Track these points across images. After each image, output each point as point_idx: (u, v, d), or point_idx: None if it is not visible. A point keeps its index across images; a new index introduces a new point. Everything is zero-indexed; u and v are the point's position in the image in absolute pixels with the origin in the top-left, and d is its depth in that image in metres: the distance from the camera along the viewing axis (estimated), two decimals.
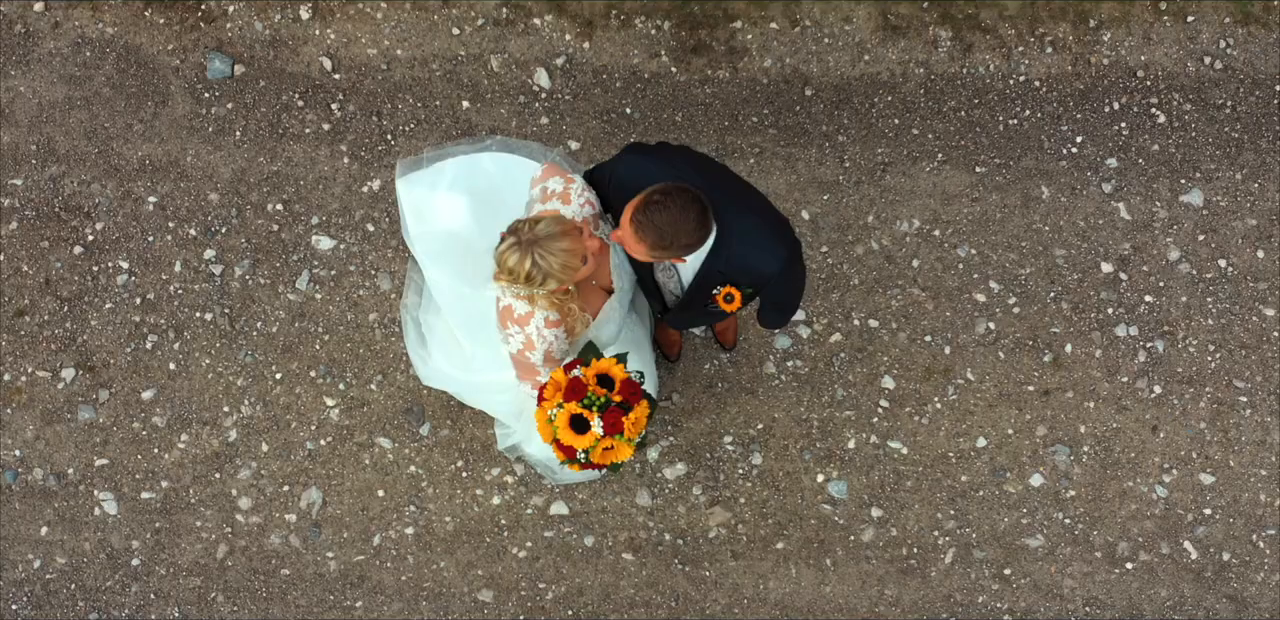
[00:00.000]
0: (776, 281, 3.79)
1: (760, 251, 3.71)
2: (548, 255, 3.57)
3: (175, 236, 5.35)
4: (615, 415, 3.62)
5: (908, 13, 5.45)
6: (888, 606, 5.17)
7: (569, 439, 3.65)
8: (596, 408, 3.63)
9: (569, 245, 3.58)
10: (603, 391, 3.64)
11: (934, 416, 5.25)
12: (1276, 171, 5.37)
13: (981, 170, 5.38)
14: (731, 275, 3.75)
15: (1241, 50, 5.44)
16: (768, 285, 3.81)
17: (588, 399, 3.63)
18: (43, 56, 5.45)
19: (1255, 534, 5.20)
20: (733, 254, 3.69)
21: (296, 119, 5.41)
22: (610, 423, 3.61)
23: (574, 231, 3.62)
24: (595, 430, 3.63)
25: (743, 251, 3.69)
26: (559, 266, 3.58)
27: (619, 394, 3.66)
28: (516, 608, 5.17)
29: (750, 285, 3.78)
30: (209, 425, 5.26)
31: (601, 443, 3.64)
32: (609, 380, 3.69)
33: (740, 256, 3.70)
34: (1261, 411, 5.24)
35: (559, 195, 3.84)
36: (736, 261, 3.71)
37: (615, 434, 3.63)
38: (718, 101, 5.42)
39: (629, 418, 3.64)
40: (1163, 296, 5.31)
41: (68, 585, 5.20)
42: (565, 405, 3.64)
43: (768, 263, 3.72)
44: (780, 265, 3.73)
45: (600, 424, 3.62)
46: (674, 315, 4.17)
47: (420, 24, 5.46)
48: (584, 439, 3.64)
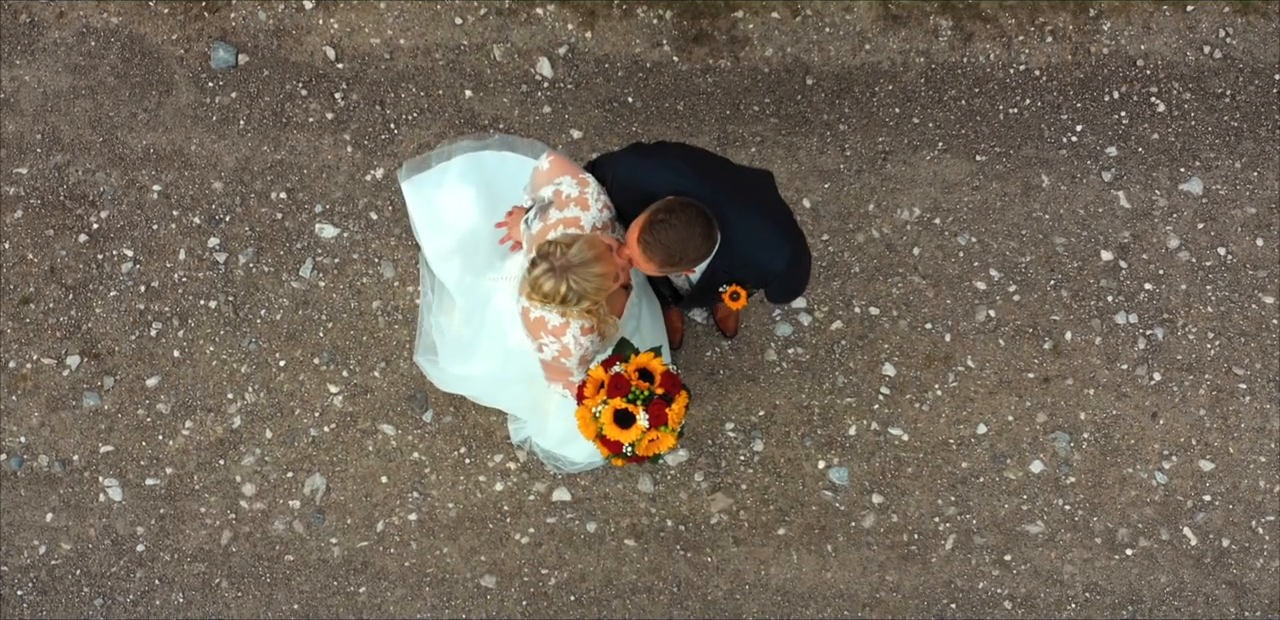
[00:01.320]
0: (784, 275, 3.81)
1: (765, 250, 3.73)
2: (582, 281, 3.53)
3: (179, 225, 5.38)
4: (659, 407, 3.64)
5: (908, 2, 5.47)
6: (888, 592, 5.20)
7: (615, 434, 3.66)
8: (641, 401, 3.65)
9: (603, 270, 3.54)
10: (645, 385, 3.66)
11: (934, 403, 5.27)
12: (1276, 160, 5.39)
13: (982, 159, 5.40)
14: (737, 274, 3.77)
15: (1241, 39, 5.46)
16: (773, 281, 3.83)
17: (632, 394, 3.64)
18: (48, 46, 5.48)
19: (1254, 520, 5.22)
20: (737, 254, 3.71)
21: (300, 108, 5.44)
22: (655, 415, 3.64)
23: (606, 253, 3.57)
24: (641, 423, 3.64)
25: (747, 251, 3.71)
26: (594, 289, 3.55)
27: (660, 386, 3.68)
28: (519, 593, 5.20)
29: (756, 283, 3.80)
30: (213, 412, 5.28)
31: (647, 435, 3.67)
32: (649, 374, 3.70)
33: (745, 256, 3.72)
34: (1261, 398, 5.27)
35: (576, 201, 3.78)
36: (742, 261, 3.72)
37: (660, 425, 3.66)
38: (719, 90, 5.44)
39: (672, 409, 3.67)
40: (1162, 284, 5.34)
41: (73, 571, 5.23)
42: (610, 401, 3.65)
43: (773, 261, 3.74)
44: (785, 262, 3.75)
45: (646, 417, 3.64)
46: (683, 304, 4.20)
47: (423, 13, 5.48)
48: (630, 433, 3.65)
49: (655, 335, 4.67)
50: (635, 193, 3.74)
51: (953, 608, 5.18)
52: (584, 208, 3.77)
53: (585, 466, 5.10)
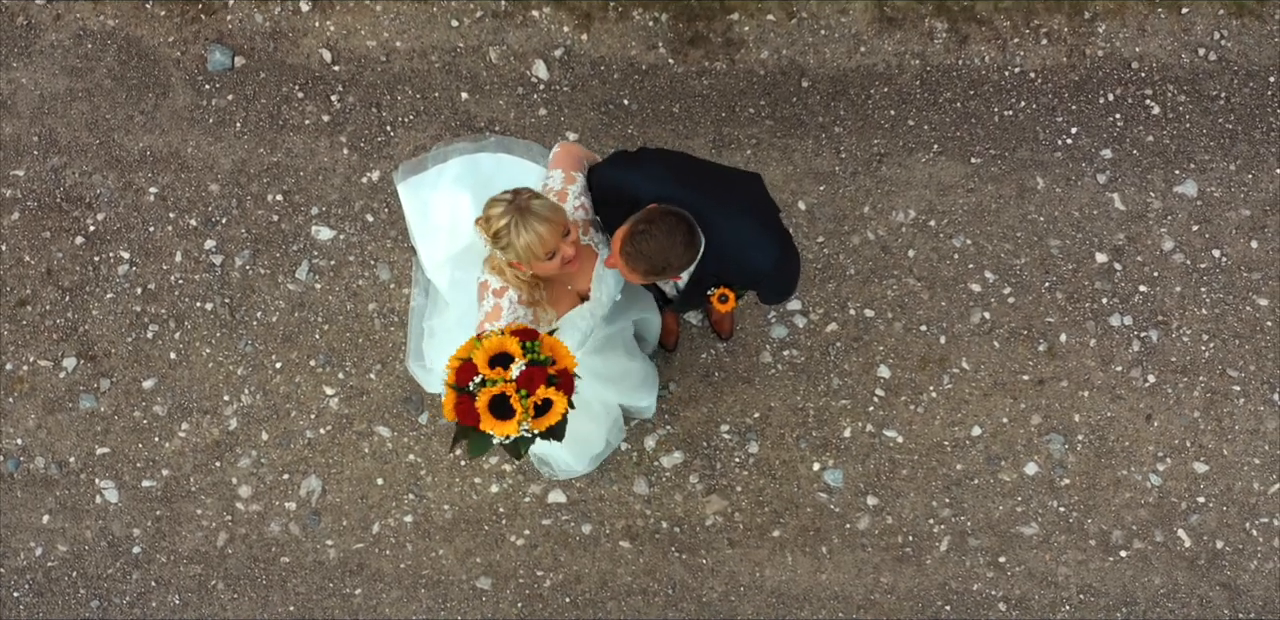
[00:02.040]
0: (771, 276, 3.81)
1: (752, 251, 3.74)
2: (523, 230, 3.58)
3: (176, 227, 5.39)
4: (538, 375, 3.30)
5: (904, 5, 5.48)
6: (883, 594, 5.21)
7: (482, 361, 3.33)
8: (530, 357, 3.34)
9: (545, 232, 3.59)
10: (549, 354, 3.38)
11: (929, 405, 5.28)
12: (1270, 162, 5.40)
13: (977, 161, 5.41)
14: (725, 276, 3.78)
15: (1235, 42, 5.47)
16: (762, 283, 3.84)
17: (531, 344, 3.35)
18: (44, 48, 5.49)
19: (1248, 522, 5.23)
20: (723, 257, 3.72)
21: (296, 110, 5.45)
22: (528, 376, 3.30)
23: (560, 226, 3.62)
24: (511, 371, 3.30)
25: (733, 253, 3.72)
26: (523, 245, 3.60)
27: (556, 371, 3.36)
28: (514, 595, 5.21)
29: (745, 284, 3.81)
30: (209, 414, 5.29)
31: (500, 386, 3.30)
32: (553, 361, 3.41)
33: (733, 259, 3.73)
34: (1255, 400, 5.27)
35: (556, 194, 3.87)
36: (728, 263, 3.74)
37: (521, 389, 3.29)
38: (715, 93, 5.45)
39: (544, 390, 3.30)
40: (1157, 286, 5.34)
41: (69, 573, 5.24)
42: (505, 334, 3.35)
43: (760, 261, 3.75)
44: (772, 262, 3.76)
45: (519, 369, 3.31)
46: (674, 307, 4.21)
47: (419, 16, 5.49)
48: (494, 372, 3.30)
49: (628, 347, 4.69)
50: (617, 202, 3.77)
51: (947, 610, 5.19)
52: (560, 201, 3.82)
53: (569, 472, 5.10)
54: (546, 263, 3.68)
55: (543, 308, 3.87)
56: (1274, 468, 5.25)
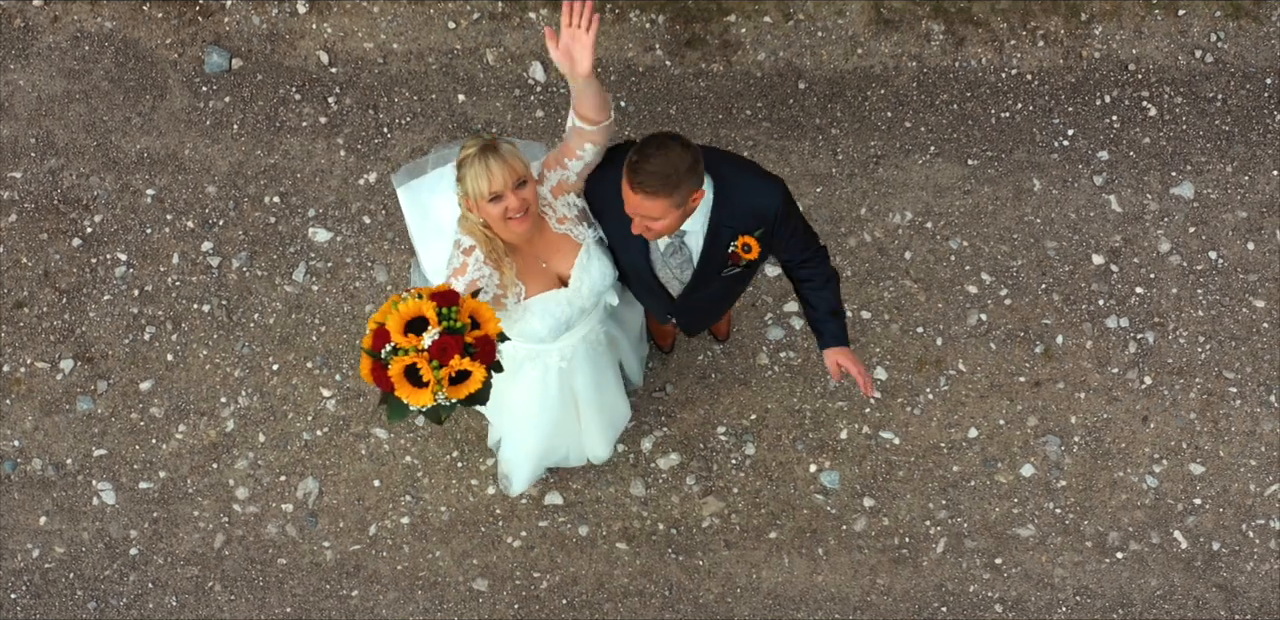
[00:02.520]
0: (783, 214, 3.79)
1: (757, 189, 3.75)
2: (478, 163, 3.59)
3: (173, 229, 5.39)
4: (452, 345, 3.13)
5: (900, 6, 5.49)
6: (879, 596, 5.21)
7: (395, 327, 3.17)
8: (446, 324, 3.17)
9: (497, 171, 3.59)
10: (467, 322, 3.21)
11: (926, 407, 5.29)
12: (1267, 164, 5.41)
13: (973, 163, 5.42)
14: (740, 223, 3.75)
15: (1232, 44, 5.48)
16: (776, 222, 3.80)
17: (447, 310, 3.18)
18: (42, 50, 5.49)
19: (1245, 524, 5.24)
20: (733, 202, 3.73)
21: (293, 112, 5.46)
22: (441, 346, 3.13)
23: (515, 173, 3.61)
24: (424, 340, 3.14)
25: (740, 197, 3.73)
26: (471, 176, 3.61)
27: (474, 339, 3.20)
28: (511, 597, 5.21)
29: (760, 227, 3.77)
30: (206, 416, 5.30)
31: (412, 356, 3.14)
32: (476, 324, 3.25)
33: (741, 202, 3.73)
34: (1251, 402, 5.28)
35: (561, 154, 3.86)
36: (740, 208, 3.73)
37: (433, 359, 3.14)
38: (712, 95, 5.46)
39: (459, 361, 3.16)
40: (1153, 288, 5.35)
41: (66, 574, 5.25)
42: (423, 298, 3.18)
43: (769, 197, 3.75)
44: (780, 197, 3.75)
45: (433, 337, 3.15)
46: (686, 303, 4.11)
47: (416, 18, 5.50)
48: (406, 339, 3.15)
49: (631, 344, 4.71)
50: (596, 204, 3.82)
51: (944, 611, 5.20)
52: (554, 166, 3.85)
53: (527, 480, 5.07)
54: (492, 207, 3.66)
55: (509, 276, 3.84)
56: (1270, 469, 5.25)
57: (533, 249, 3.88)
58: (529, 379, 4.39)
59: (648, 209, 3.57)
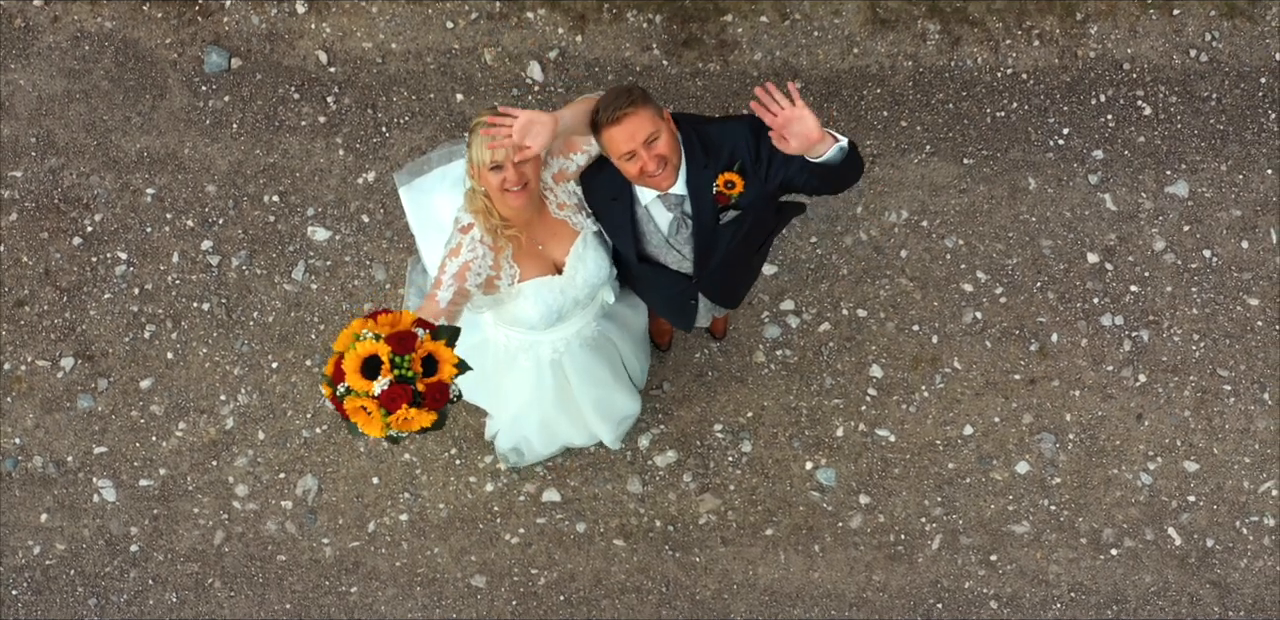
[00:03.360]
0: (756, 143, 3.79)
1: (722, 131, 3.79)
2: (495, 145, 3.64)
3: (173, 228, 5.42)
4: (401, 395, 3.19)
5: (896, 6, 5.51)
6: (875, 592, 5.24)
7: (351, 368, 3.22)
8: (398, 373, 3.20)
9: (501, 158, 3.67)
10: (419, 370, 3.22)
11: (921, 405, 5.32)
12: (1261, 163, 5.43)
13: (969, 162, 5.44)
14: (717, 163, 3.78)
15: (1227, 43, 5.50)
16: (755, 152, 3.80)
17: (400, 360, 3.21)
18: (42, 50, 5.52)
19: (1238, 521, 5.27)
20: (708, 141, 3.78)
21: (292, 112, 5.48)
22: (389, 396, 3.19)
23: (525, 155, 3.66)
24: (374, 385, 3.19)
25: (715, 134, 3.78)
26: (475, 144, 3.68)
27: (425, 386, 3.24)
28: (509, 593, 5.24)
29: (739, 159, 3.78)
30: (206, 413, 5.33)
31: (362, 399, 3.20)
32: (432, 365, 3.26)
33: (712, 147, 3.77)
34: (1245, 400, 5.31)
35: (566, 147, 3.93)
36: (716, 151, 3.77)
37: (383, 407, 3.19)
38: (709, 94, 5.48)
39: (406, 411, 3.21)
40: (1148, 286, 5.38)
41: (67, 571, 5.28)
42: (380, 339, 3.21)
43: (734, 133, 3.78)
44: (746, 128, 3.78)
45: (382, 387, 3.19)
46: (706, 275, 4.07)
47: (415, 18, 5.53)
48: (360, 382, 3.20)
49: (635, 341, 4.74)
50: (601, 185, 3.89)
51: (939, 607, 5.23)
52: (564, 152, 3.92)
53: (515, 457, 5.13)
54: (492, 175, 3.70)
55: (506, 257, 3.87)
56: (1264, 466, 5.28)
57: (531, 231, 3.91)
58: (522, 369, 4.43)
59: (640, 127, 3.63)
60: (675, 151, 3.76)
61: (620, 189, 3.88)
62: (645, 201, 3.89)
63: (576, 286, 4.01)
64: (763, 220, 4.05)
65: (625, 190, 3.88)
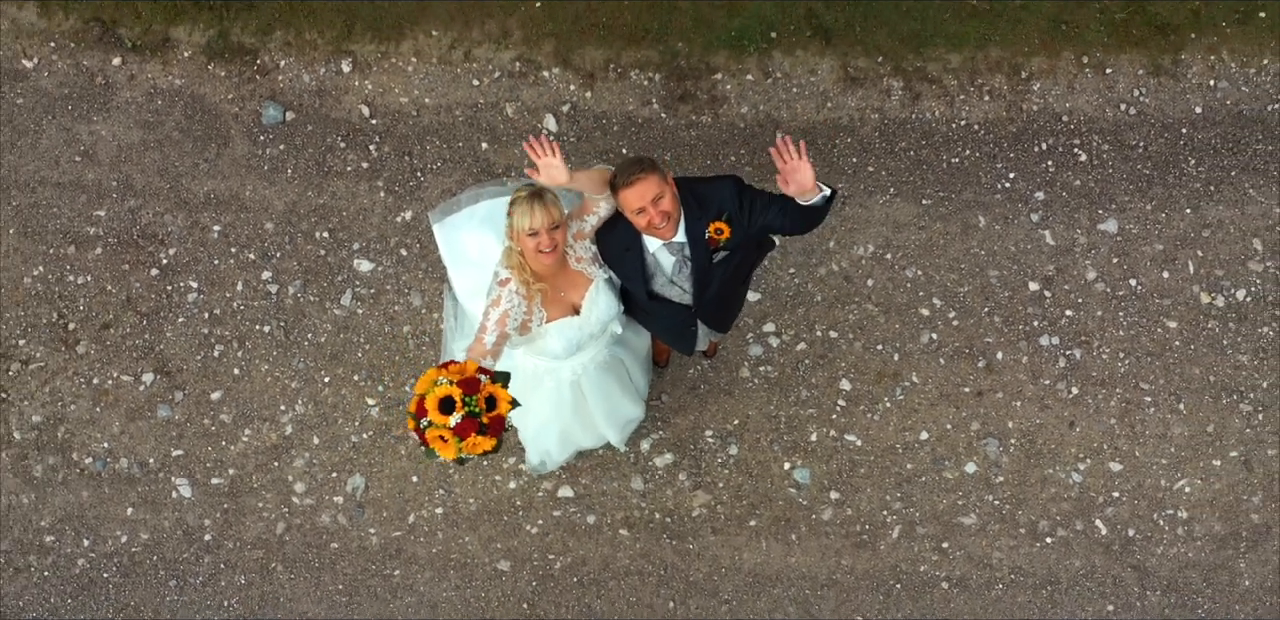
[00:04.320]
0: (738, 197, 4.67)
1: (710, 189, 4.69)
2: (525, 204, 4.55)
3: (237, 260, 6.27)
4: (470, 426, 4.07)
5: (865, 66, 6.33)
6: (843, 574, 6.11)
7: (431, 406, 4.08)
8: (468, 409, 4.06)
9: (539, 213, 4.53)
10: (483, 407, 4.10)
11: (884, 414, 6.17)
12: (1181, 203, 6.26)
13: (927, 202, 6.28)
14: (708, 214, 4.66)
15: (1153, 98, 6.32)
16: (737, 204, 4.68)
17: (469, 400, 4.07)
18: (121, 104, 6.35)
19: (1156, 513, 6.13)
20: (702, 198, 4.66)
21: (339, 159, 6.32)
22: (462, 427, 4.05)
23: (551, 217, 4.55)
24: (450, 419, 4.04)
25: (700, 198, 4.66)
26: (517, 214, 4.56)
27: (489, 419, 4.10)
28: (530, 575, 6.11)
29: (725, 211, 4.66)
30: (268, 421, 6.19)
31: (441, 430, 4.06)
32: (492, 402, 4.14)
33: (705, 201, 4.66)
34: (1163, 410, 6.16)
35: (582, 210, 4.78)
36: (707, 205, 4.65)
37: (457, 436, 4.05)
38: (701, 143, 6.31)
39: (474, 439, 4.08)
40: (1081, 311, 6.22)
41: (150, 556, 6.15)
42: (453, 385, 4.07)
43: (720, 190, 4.67)
44: (730, 186, 4.67)
45: (456, 421, 4.04)
46: (704, 305, 4.93)
47: (445, 76, 6.35)
48: (440, 417, 4.07)
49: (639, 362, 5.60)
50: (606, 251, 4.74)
51: (898, 588, 6.10)
52: (581, 214, 4.78)
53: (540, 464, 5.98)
54: (529, 239, 4.57)
55: (536, 304, 4.74)
56: (1179, 467, 6.13)
57: (555, 282, 4.77)
58: (546, 389, 5.29)
59: (649, 190, 4.52)
60: (676, 207, 4.63)
61: (632, 240, 4.73)
62: (653, 249, 4.75)
63: (591, 324, 4.87)
64: (747, 256, 4.93)
65: (636, 241, 4.73)
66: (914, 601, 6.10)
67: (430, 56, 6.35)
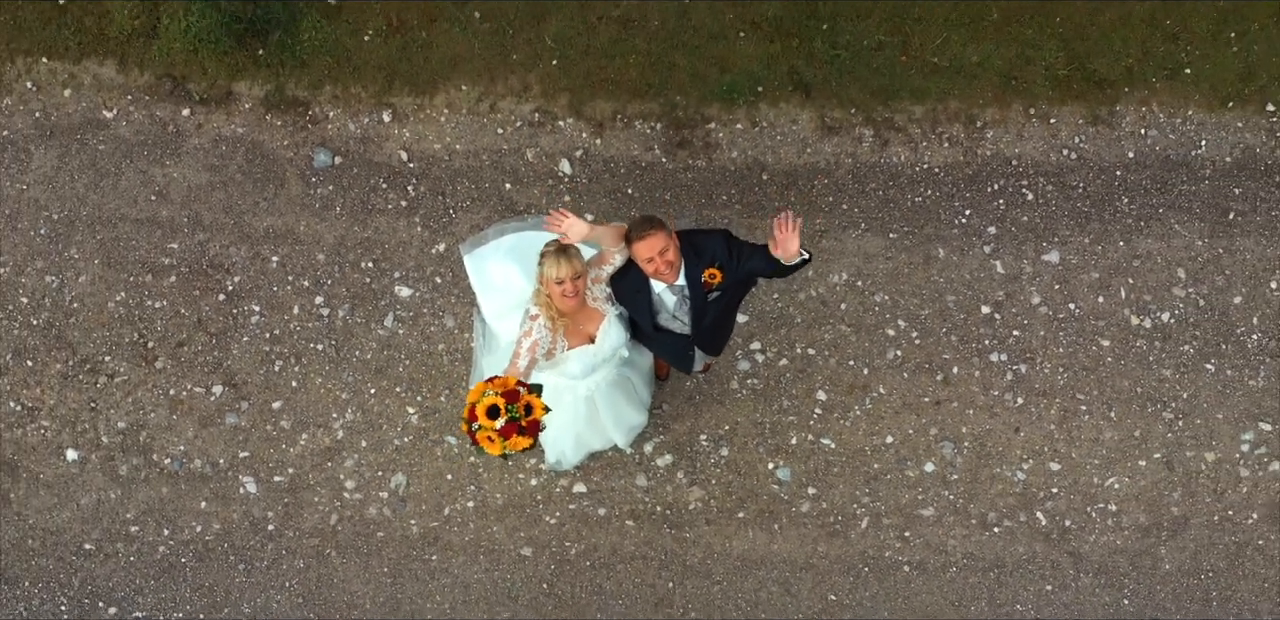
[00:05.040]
0: (727, 248, 5.62)
1: (704, 242, 5.65)
2: (554, 257, 5.48)
3: (293, 287, 7.21)
4: (512, 429, 5.10)
5: (840, 116, 7.26)
6: (819, 559, 7.09)
7: (480, 413, 5.09)
8: (510, 415, 5.08)
9: (564, 265, 5.47)
10: (522, 413, 5.10)
11: (854, 420, 7.13)
12: (1115, 237, 7.20)
13: (894, 236, 7.21)
14: (703, 261, 5.62)
15: (1091, 145, 7.25)
16: (727, 254, 5.62)
17: (511, 407, 5.09)
18: (190, 150, 7.28)
19: (1089, 507, 7.09)
20: (698, 248, 5.62)
21: (381, 198, 7.25)
22: (505, 430, 5.08)
23: (575, 269, 5.48)
24: (496, 423, 5.07)
25: (697, 248, 5.62)
26: (547, 265, 5.49)
27: (526, 423, 5.11)
28: (549, 560, 7.09)
29: (718, 260, 5.62)
30: (322, 427, 7.15)
31: (489, 431, 5.08)
32: (529, 410, 5.13)
33: (701, 251, 5.62)
34: (1096, 417, 7.11)
35: (600, 260, 5.74)
36: (703, 254, 5.62)
37: (502, 436, 5.06)
38: (697, 184, 7.24)
39: (516, 438, 5.10)
40: (1026, 331, 7.17)
41: (222, 544, 7.13)
42: (498, 395, 5.09)
43: (712, 243, 5.64)
44: (720, 240, 5.63)
45: (501, 425, 5.07)
46: (701, 334, 5.89)
47: (473, 125, 7.28)
48: (488, 421, 5.09)
49: (645, 378, 6.56)
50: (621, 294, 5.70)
51: (865, 571, 7.08)
52: (599, 263, 5.74)
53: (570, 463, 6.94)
54: (556, 286, 5.51)
55: (560, 335, 5.70)
56: (1109, 467, 7.10)
57: (576, 317, 5.72)
58: (565, 402, 6.25)
59: (657, 244, 5.48)
60: (678, 257, 5.57)
61: (641, 284, 5.67)
62: (658, 290, 5.69)
63: (604, 351, 5.83)
64: (736, 294, 5.88)
65: (645, 284, 5.67)
66: (879, 582, 7.08)
67: (460, 108, 7.28)
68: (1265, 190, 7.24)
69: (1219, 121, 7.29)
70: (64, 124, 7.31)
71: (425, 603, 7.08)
